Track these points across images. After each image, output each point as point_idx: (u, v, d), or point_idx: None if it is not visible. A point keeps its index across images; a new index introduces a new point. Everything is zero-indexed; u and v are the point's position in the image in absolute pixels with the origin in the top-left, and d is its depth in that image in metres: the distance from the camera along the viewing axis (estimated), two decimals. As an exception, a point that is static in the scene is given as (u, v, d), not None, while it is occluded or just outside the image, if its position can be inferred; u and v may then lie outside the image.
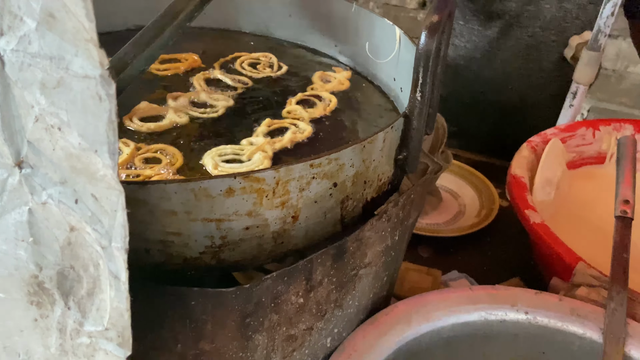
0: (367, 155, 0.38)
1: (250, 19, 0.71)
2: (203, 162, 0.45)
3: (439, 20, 0.37)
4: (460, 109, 1.12)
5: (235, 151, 0.47)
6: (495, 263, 0.82)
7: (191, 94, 0.55)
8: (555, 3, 0.96)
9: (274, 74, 0.62)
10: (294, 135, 0.50)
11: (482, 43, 1.05)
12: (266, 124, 0.51)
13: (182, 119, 0.51)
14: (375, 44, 0.61)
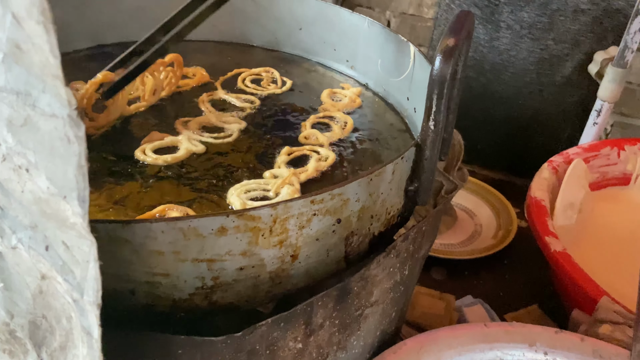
0: (374, 189, 0.35)
1: (259, 32, 0.69)
2: (229, 201, 0.41)
3: (455, 44, 0.34)
4: (470, 123, 1.08)
5: (261, 186, 0.44)
6: (512, 288, 0.78)
7: (201, 119, 0.52)
8: (570, 15, 0.92)
9: (280, 90, 0.60)
10: (318, 163, 0.47)
11: (490, 55, 1.01)
12: (286, 153, 0.49)
13: (198, 148, 0.48)
14: (389, 60, 0.58)
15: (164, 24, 0.53)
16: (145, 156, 0.46)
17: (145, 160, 0.46)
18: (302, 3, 0.65)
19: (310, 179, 0.45)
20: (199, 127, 0.52)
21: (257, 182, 0.44)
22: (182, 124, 0.52)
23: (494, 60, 1.01)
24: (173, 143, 0.48)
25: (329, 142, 0.51)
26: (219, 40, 0.70)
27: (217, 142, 0.50)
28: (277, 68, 0.66)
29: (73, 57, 0.64)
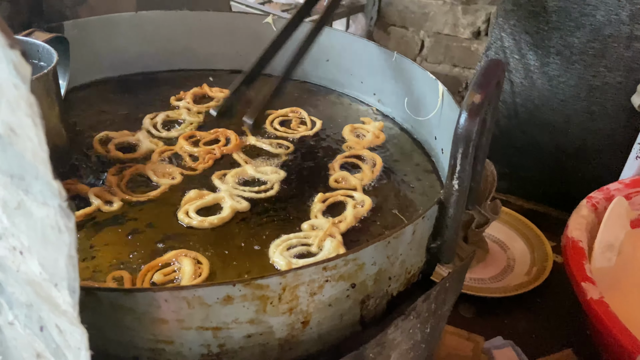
0: (392, 251, 0.33)
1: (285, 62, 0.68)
2: (272, 260, 0.40)
3: (482, 101, 0.32)
4: (513, 150, 1.04)
5: (301, 240, 0.42)
6: (545, 329, 0.74)
7: (238, 171, 0.51)
8: (624, 41, 0.87)
9: (311, 132, 0.58)
10: (356, 210, 0.45)
11: (540, 81, 0.97)
12: (320, 200, 0.47)
13: (242, 205, 0.46)
14: (416, 97, 0.56)
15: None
16: (189, 219, 0.44)
17: (191, 223, 0.44)
18: (330, 35, 0.64)
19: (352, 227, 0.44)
20: (237, 180, 0.50)
21: (297, 236, 0.43)
22: (220, 177, 0.50)
23: (543, 87, 0.96)
24: (216, 201, 0.46)
25: (361, 185, 0.49)
26: (243, 70, 0.70)
27: (259, 196, 0.48)
28: (304, 99, 0.65)
29: (101, 87, 0.64)
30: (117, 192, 0.46)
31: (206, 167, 0.51)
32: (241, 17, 0.68)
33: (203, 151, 0.53)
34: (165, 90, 0.64)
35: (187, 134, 0.55)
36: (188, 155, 0.53)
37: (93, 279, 0.37)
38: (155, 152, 0.52)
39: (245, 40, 0.67)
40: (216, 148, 0.54)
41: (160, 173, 0.49)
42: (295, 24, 0.56)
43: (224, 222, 0.45)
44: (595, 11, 0.85)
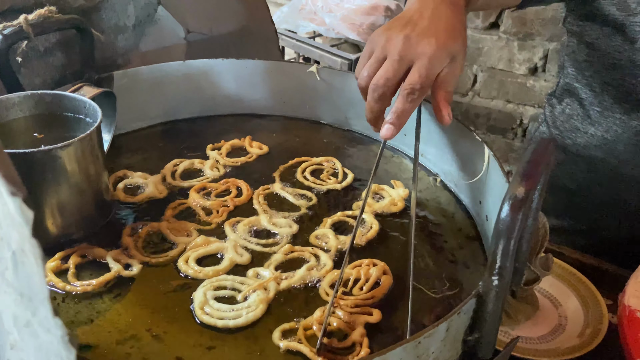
0: (423, 350, 0.31)
1: (329, 110, 0.67)
2: (194, 295, 0.42)
3: (527, 193, 0.29)
4: (592, 207, 0.95)
5: (235, 284, 0.43)
6: (598, 400, 0.68)
7: (251, 221, 0.51)
8: None
9: (339, 186, 0.57)
10: (309, 272, 0.44)
11: (626, 134, 0.86)
12: (284, 252, 0.46)
13: (243, 258, 0.46)
14: (462, 157, 0.53)
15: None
16: (187, 267, 0.45)
17: (187, 272, 0.45)
18: (374, 85, 0.62)
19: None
20: (249, 229, 0.50)
21: (233, 279, 0.43)
22: (231, 225, 0.50)
23: (629, 141, 0.88)
24: (218, 251, 0.47)
25: (336, 248, 0.47)
26: (290, 116, 0.69)
27: (264, 250, 0.48)
28: (346, 147, 0.64)
29: (148, 132, 0.66)
30: (135, 254, 0.46)
31: (220, 221, 0.51)
32: (286, 66, 0.68)
33: (216, 204, 0.53)
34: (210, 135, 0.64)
35: (198, 186, 0.55)
36: (201, 208, 0.52)
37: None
38: (168, 209, 0.52)
39: (290, 88, 0.67)
40: (229, 200, 0.53)
41: (175, 231, 0.49)
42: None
43: (219, 274, 0.45)
44: None
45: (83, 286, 0.42)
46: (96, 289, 0.42)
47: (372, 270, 0.44)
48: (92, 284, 0.42)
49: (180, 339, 0.39)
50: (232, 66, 0.66)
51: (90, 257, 0.45)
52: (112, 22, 0.64)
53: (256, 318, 0.40)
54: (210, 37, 0.76)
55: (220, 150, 0.61)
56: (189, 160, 0.59)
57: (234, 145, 0.63)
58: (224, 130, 0.66)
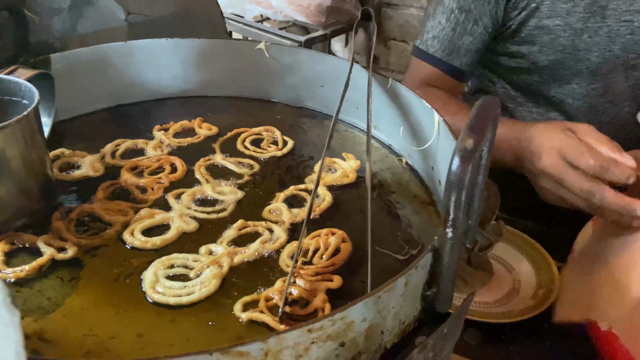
0: (383, 305, 0.31)
1: (281, 89, 0.67)
2: (144, 275, 0.41)
3: (475, 145, 0.30)
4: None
5: (187, 262, 0.42)
6: (553, 355, 0.71)
7: (195, 190, 0.50)
8: (622, 73, 0.85)
9: (280, 153, 0.57)
10: (262, 245, 0.44)
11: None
12: (237, 227, 0.46)
13: (190, 226, 0.46)
14: (412, 125, 0.54)
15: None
16: (133, 238, 0.44)
17: (134, 243, 0.44)
18: (325, 61, 0.62)
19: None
20: (193, 199, 0.49)
21: (185, 257, 0.43)
22: (175, 197, 0.49)
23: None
24: (164, 221, 0.46)
25: (290, 221, 0.47)
26: (240, 97, 0.68)
27: (210, 217, 0.47)
28: (300, 124, 0.64)
29: (93, 118, 0.63)
30: (69, 237, 0.44)
31: (157, 197, 0.50)
32: (234, 44, 0.67)
33: (150, 181, 0.51)
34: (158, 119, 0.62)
35: (129, 165, 0.53)
36: (135, 187, 0.51)
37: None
38: (99, 190, 0.50)
39: (240, 67, 0.66)
40: (163, 177, 0.52)
41: (110, 211, 0.47)
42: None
43: (167, 243, 0.44)
44: (588, 54, 0.83)
45: (15, 272, 0.40)
46: (30, 274, 0.41)
47: (331, 239, 0.44)
48: (24, 269, 0.40)
49: (137, 317, 0.38)
50: (178, 46, 0.65)
51: (20, 244, 0.43)
52: (47, 3, 0.61)
53: (210, 293, 0.40)
54: (152, 18, 0.74)
55: (167, 132, 0.60)
56: (131, 140, 0.57)
57: (184, 127, 0.61)
58: (172, 113, 0.65)
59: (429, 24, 0.88)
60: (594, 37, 0.81)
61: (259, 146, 0.59)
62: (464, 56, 0.86)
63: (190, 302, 0.39)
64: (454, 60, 0.86)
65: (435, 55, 0.87)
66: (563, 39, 0.82)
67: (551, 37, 0.82)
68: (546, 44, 0.83)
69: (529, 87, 0.91)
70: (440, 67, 0.87)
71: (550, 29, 0.81)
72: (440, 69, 0.87)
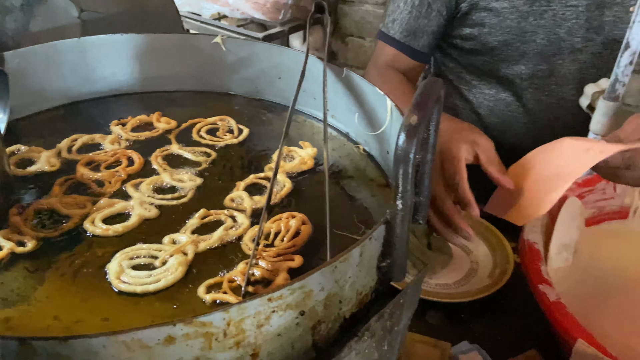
0: (340, 275, 0.33)
1: (239, 82, 0.68)
2: (107, 267, 0.41)
3: (419, 121, 0.32)
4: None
5: (151, 252, 0.43)
6: (510, 332, 0.75)
7: (153, 179, 0.51)
8: (567, 56, 0.90)
9: (236, 140, 0.58)
10: (225, 232, 0.45)
11: (498, 108, 0.98)
12: (200, 216, 0.47)
13: (151, 213, 0.46)
14: (367, 112, 0.56)
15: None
16: (94, 227, 0.45)
17: (95, 232, 0.44)
18: (281, 53, 0.64)
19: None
20: (152, 188, 0.50)
21: (148, 247, 0.43)
22: (134, 186, 0.50)
23: (502, 114, 0.98)
24: (124, 210, 0.46)
25: (252, 207, 0.49)
26: (199, 91, 0.69)
27: (171, 203, 0.48)
28: (258, 116, 0.65)
29: (49, 115, 0.63)
30: (27, 231, 0.44)
31: (115, 190, 0.50)
32: (190, 38, 0.67)
33: (108, 175, 0.52)
34: (116, 115, 0.62)
35: (85, 160, 0.54)
36: (92, 181, 0.51)
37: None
38: (55, 185, 0.50)
39: (197, 61, 0.67)
40: (120, 170, 0.52)
41: (68, 205, 0.47)
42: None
43: (129, 229, 0.45)
44: (534, 36, 0.88)
45: None
46: None
47: (291, 222, 0.46)
48: None
49: (102, 303, 0.38)
50: (133, 42, 0.65)
51: None
52: (-3, 2, 0.60)
53: (176, 280, 0.41)
54: (106, 16, 0.74)
55: (125, 126, 0.60)
56: (88, 135, 0.57)
57: (142, 121, 0.62)
58: (129, 109, 0.65)
59: (390, 8, 0.93)
60: (539, 20, 0.86)
61: (215, 135, 0.60)
62: (422, 38, 0.91)
63: (157, 289, 0.40)
64: (412, 42, 0.91)
65: (396, 38, 0.92)
66: (510, 21, 0.87)
67: (499, 19, 0.87)
68: (494, 25, 0.87)
69: (481, 68, 0.95)
70: (401, 49, 0.93)
71: (498, 11, 0.86)
72: (401, 50, 0.93)
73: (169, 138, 0.59)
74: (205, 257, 0.44)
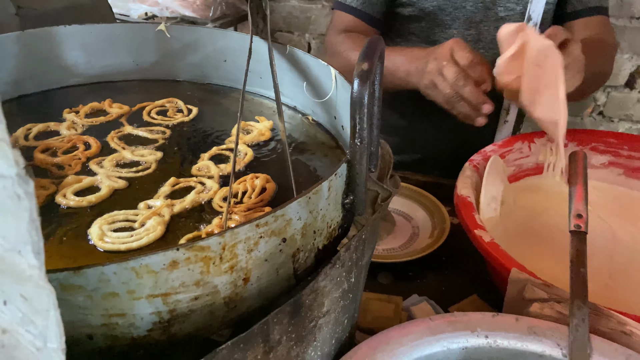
0: (313, 206, 0.38)
1: (185, 67, 0.71)
2: (89, 232, 0.43)
3: (370, 67, 0.38)
4: (420, 135, 1.14)
5: (128, 217, 0.45)
6: (453, 282, 0.83)
7: (115, 156, 0.53)
8: (492, 23, 1.00)
9: (187, 118, 0.62)
10: (198, 195, 0.48)
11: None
12: (170, 184, 0.50)
13: (120, 183, 0.48)
14: (313, 83, 0.61)
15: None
16: (67, 200, 0.46)
17: (68, 204, 0.46)
18: (225, 37, 0.67)
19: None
20: (115, 164, 0.52)
21: (125, 213, 0.46)
22: (97, 164, 0.52)
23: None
24: (92, 183, 0.48)
25: (219, 174, 0.52)
26: (144, 79, 0.71)
27: (137, 175, 0.50)
28: (208, 100, 0.68)
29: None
30: None
31: (77, 171, 0.52)
32: (134, 27, 0.69)
33: (67, 159, 0.53)
34: (65, 106, 0.63)
35: (40, 147, 0.55)
36: (52, 165, 0.52)
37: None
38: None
39: (142, 50, 0.69)
40: (79, 153, 0.54)
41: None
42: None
43: (101, 200, 0.47)
44: (464, 3, 0.98)
45: None
46: None
47: (256, 181, 0.50)
48: None
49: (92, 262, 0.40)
50: (77, 33, 0.66)
51: None
52: None
53: (157, 238, 0.43)
54: (42, 12, 0.74)
55: (78, 114, 0.61)
56: (43, 124, 0.58)
57: (93, 108, 0.63)
58: (78, 100, 0.65)
59: None
60: None
61: (166, 116, 0.62)
62: (376, 5, 1.00)
63: (140, 246, 0.42)
64: (368, 9, 1.01)
65: (352, 5, 1.01)
66: None
67: None
68: None
69: (418, 35, 1.04)
70: (358, 16, 1.02)
71: None
72: (358, 17, 1.02)
73: (122, 122, 0.60)
74: (180, 219, 0.47)
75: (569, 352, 0.48)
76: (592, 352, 0.48)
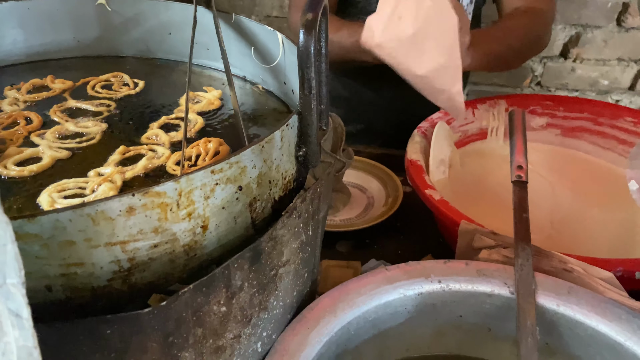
0: (267, 155, 0.39)
1: (128, 42, 0.69)
2: (38, 200, 0.42)
3: (314, 18, 0.39)
4: (365, 107, 1.16)
5: (79, 184, 0.45)
6: (408, 246, 0.86)
7: (57, 128, 0.52)
8: None
9: (134, 92, 0.61)
10: (149, 161, 0.48)
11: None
12: (120, 152, 0.49)
13: (62, 154, 0.47)
14: (260, 51, 0.62)
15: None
16: (8, 170, 0.45)
17: (10, 174, 0.44)
18: (168, 8, 0.66)
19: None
20: (57, 136, 0.51)
21: (76, 180, 0.45)
22: (39, 136, 0.51)
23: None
24: (34, 154, 0.47)
25: (170, 141, 0.52)
26: (86, 56, 0.69)
27: (80, 145, 0.50)
28: (154, 74, 0.67)
29: None
30: None
31: (19, 145, 0.50)
32: (72, 2, 0.67)
33: (7, 134, 0.52)
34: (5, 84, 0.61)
35: None
36: None
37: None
38: None
39: (82, 25, 0.67)
40: (20, 128, 0.53)
41: None
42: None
43: (43, 169, 0.46)
44: None
45: None
46: None
47: (209, 144, 0.50)
48: None
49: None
50: (14, 10, 0.63)
51: None
52: None
53: None
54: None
55: (20, 91, 0.59)
56: None
57: (35, 84, 0.61)
58: (18, 79, 0.63)
59: None
60: None
61: (111, 89, 0.61)
62: None
63: None
64: None
65: None
66: None
67: None
68: None
69: (347, 18, 1.06)
70: None
71: None
72: None
73: (65, 97, 0.59)
74: (133, 184, 0.46)
75: (516, 289, 0.52)
76: (537, 288, 0.52)
